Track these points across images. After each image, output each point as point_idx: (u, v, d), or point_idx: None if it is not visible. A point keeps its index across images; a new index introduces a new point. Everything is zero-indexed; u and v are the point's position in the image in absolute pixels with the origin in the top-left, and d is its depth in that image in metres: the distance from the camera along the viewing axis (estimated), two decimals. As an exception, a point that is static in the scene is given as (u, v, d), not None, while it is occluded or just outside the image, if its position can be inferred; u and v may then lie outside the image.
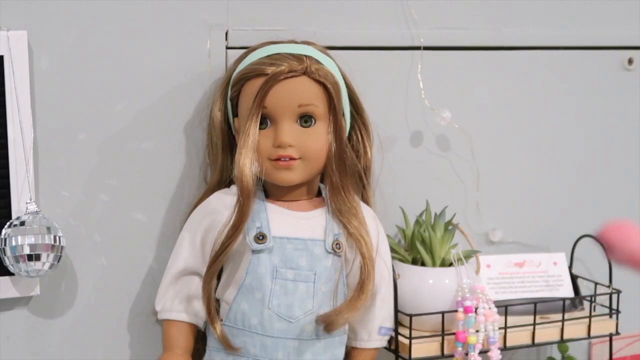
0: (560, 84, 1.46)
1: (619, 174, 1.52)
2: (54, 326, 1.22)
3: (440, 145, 1.39)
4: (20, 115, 1.14)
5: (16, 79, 1.13)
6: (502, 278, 1.36)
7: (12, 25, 1.13)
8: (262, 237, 1.14)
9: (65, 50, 1.17)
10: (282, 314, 1.13)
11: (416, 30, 1.35)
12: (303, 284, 1.14)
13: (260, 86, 1.12)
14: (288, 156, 1.13)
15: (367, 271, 1.15)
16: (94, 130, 1.20)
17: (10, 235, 1.11)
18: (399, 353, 1.24)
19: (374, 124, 1.25)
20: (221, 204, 1.16)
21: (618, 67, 1.50)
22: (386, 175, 1.34)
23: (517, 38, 1.42)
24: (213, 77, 1.24)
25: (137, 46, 1.21)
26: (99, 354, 1.24)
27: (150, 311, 1.24)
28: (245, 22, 1.25)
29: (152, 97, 1.22)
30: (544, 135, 1.46)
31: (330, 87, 1.14)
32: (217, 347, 1.16)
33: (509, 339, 1.28)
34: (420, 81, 1.35)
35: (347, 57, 1.25)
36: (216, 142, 1.21)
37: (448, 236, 1.28)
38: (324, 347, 1.16)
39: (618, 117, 1.51)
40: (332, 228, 1.17)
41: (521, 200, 1.46)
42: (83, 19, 1.17)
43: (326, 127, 1.15)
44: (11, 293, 1.17)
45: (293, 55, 1.14)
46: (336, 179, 1.16)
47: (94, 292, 1.23)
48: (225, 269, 1.18)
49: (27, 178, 1.14)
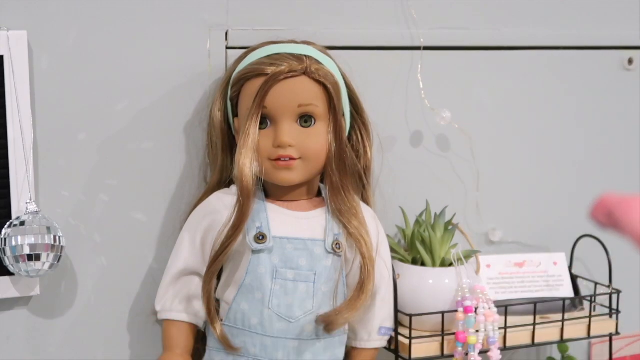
0: (560, 84, 1.46)
1: (619, 174, 1.52)
2: (54, 326, 1.22)
3: (440, 145, 1.39)
4: (20, 115, 1.13)
5: (16, 79, 1.13)
6: (502, 278, 1.36)
7: (12, 25, 1.13)
8: (262, 237, 1.14)
9: (65, 50, 1.17)
10: (282, 314, 1.13)
11: (416, 30, 1.35)
12: (303, 284, 1.14)
13: (260, 86, 1.12)
14: (288, 156, 1.13)
15: (367, 271, 1.15)
16: (94, 130, 1.20)
17: (10, 235, 1.11)
18: (399, 353, 1.24)
19: (374, 124, 1.25)
20: (221, 204, 1.16)
21: (618, 67, 1.50)
22: (386, 175, 1.34)
23: (517, 38, 1.42)
24: (213, 77, 1.24)
25: (137, 46, 1.21)
26: (99, 354, 1.24)
27: (150, 311, 1.24)
28: (245, 22, 1.25)
29: (152, 97, 1.22)
30: (544, 135, 1.46)
31: (330, 87, 1.14)
32: (217, 347, 1.16)
33: (509, 339, 1.28)
34: (420, 81, 1.35)
35: (347, 57, 1.25)
36: (216, 142, 1.21)
37: (448, 236, 1.28)
38: (324, 347, 1.16)
39: (618, 117, 1.51)
40: (332, 228, 1.16)
41: (521, 200, 1.46)
42: (83, 19, 1.17)
43: (326, 127, 1.15)
44: (11, 293, 1.17)
45: (293, 55, 1.14)
46: (336, 179, 1.16)
47: (94, 292, 1.23)
48: (225, 269, 1.18)
49: (27, 178, 1.14)
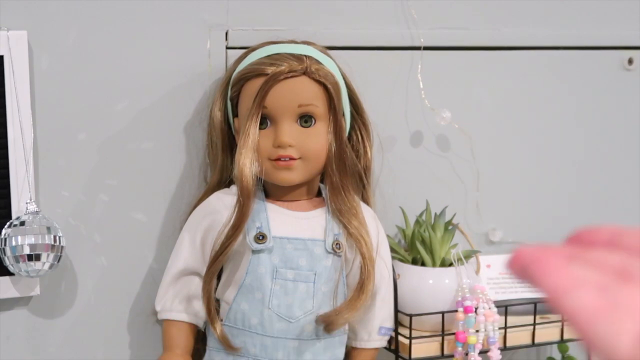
0: (560, 84, 1.46)
1: (619, 174, 1.52)
2: (54, 326, 1.22)
3: (440, 145, 1.39)
4: (20, 115, 1.14)
5: (16, 79, 1.13)
6: (502, 278, 1.35)
7: (12, 25, 1.13)
8: (262, 237, 1.14)
9: (65, 50, 1.17)
10: (282, 314, 1.13)
11: (416, 30, 1.35)
12: (303, 284, 1.14)
13: (260, 86, 1.12)
14: (288, 156, 1.13)
15: (367, 271, 1.15)
16: (94, 130, 1.20)
17: (10, 235, 1.11)
18: (399, 353, 1.24)
19: (374, 124, 1.25)
20: (221, 204, 1.16)
21: (618, 67, 1.50)
22: (386, 175, 1.34)
23: (517, 38, 1.42)
24: (213, 77, 1.24)
25: (137, 46, 1.21)
26: (99, 354, 1.24)
27: (150, 311, 1.24)
28: (245, 22, 1.25)
29: (152, 97, 1.22)
30: (544, 135, 1.46)
31: (330, 87, 1.14)
32: (217, 347, 1.16)
33: (509, 339, 1.28)
34: (420, 81, 1.35)
35: (347, 57, 1.25)
36: (216, 142, 1.21)
37: (448, 236, 1.28)
38: (324, 347, 1.16)
39: (618, 117, 1.51)
40: (332, 228, 1.17)
41: (521, 200, 1.46)
42: (83, 19, 1.17)
43: (326, 127, 1.15)
44: (11, 293, 1.17)
45: (293, 55, 1.14)
46: (336, 179, 1.16)
47: (94, 292, 1.23)
48: (225, 269, 1.18)
49: (27, 178, 1.14)
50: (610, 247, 0.43)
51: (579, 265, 0.41)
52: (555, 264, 0.41)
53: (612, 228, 0.44)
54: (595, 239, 0.44)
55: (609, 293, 0.40)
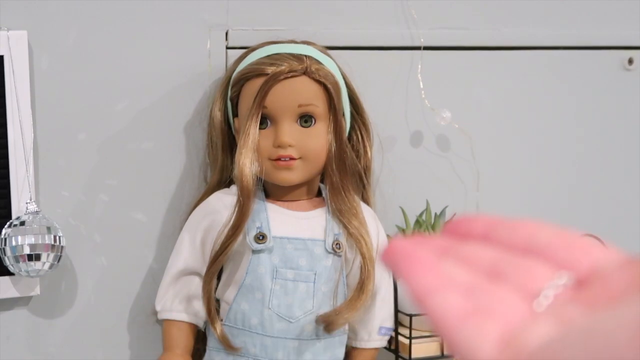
0: (560, 84, 1.46)
1: (619, 174, 1.52)
2: (54, 326, 1.22)
3: (440, 145, 1.39)
4: (20, 115, 1.13)
5: (16, 79, 1.13)
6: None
7: (12, 25, 1.13)
8: (262, 237, 1.14)
9: (65, 50, 1.17)
10: (282, 314, 1.13)
11: (416, 30, 1.35)
12: (303, 284, 1.14)
13: (260, 86, 1.12)
14: (288, 156, 1.13)
15: (367, 271, 1.15)
16: (94, 130, 1.20)
17: (10, 235, 1.11)
18: (399, 353, 1.24)
19: (374, 124, 1.25)
20: (221, 204, 1.16)
21: (618, 67, 1.50)
22: (386, 175, 1.34)
23: (517, 38, 1.42)
24: (213, 77, 1.24)
25: (137, 46, 1.21)
26: (99, 354, 1.24)
27: (150, 311, 1.24)
28: (245, 22, 1.25)
29: (152, 97, 1.22)
30: (544, 135, 1.46)
31: (330, 87, 1.14)
32: (217, 347, 1.16)
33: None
34: (420, 81, 1.35)
35: (347, 57, 1.25)
36: (216, 142, 1.21)
37: (448, 236, 1.28)
38: (324, 347, 1.16)
39: (618, 117, 1.51)
40: (332, 228, 1.17)
41: (521, 200, 1.46)
42: (83, 19, 1.17)
43: (326, 127, 1.15)
44: (11, 293, 1.17)
45: (293, 55, 1.14)
46: (336, 179, 1.16)
47: (94, 292, 1.23)
48: (225, 269, 1.18)
49: (27, 178, 1.14)
50: (485, 240, 0.41)
51: (449, 263, 0.39)
52: (425, 262, 0.39)
53: (488, 219, 0.41)
54: (470, 230, 0.41)
55: (475, 294, 0.38)
